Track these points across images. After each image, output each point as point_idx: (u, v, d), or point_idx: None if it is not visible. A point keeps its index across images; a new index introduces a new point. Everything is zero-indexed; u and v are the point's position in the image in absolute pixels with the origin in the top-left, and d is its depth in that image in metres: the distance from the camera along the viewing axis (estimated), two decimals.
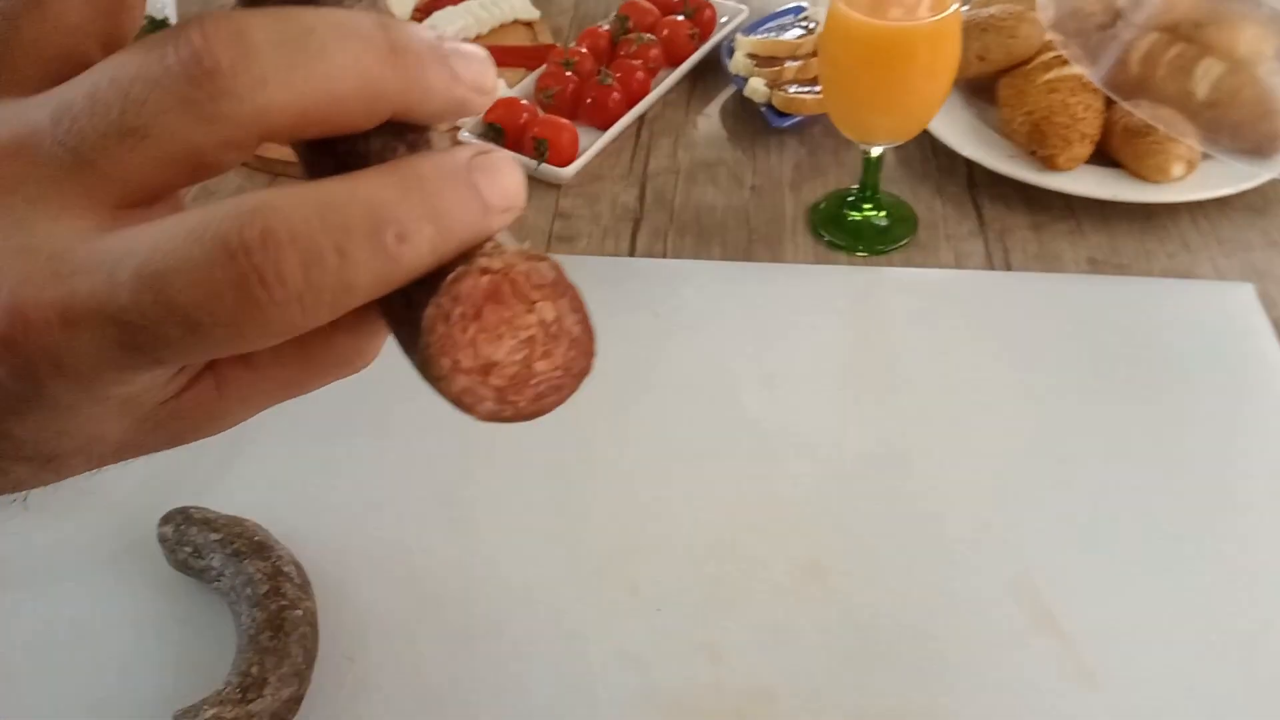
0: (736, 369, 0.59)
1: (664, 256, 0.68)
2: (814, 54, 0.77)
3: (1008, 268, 0.66)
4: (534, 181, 0.74)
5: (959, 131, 0.73)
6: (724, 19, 0.86)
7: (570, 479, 0.54)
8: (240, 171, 0.77)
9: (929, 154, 0.75)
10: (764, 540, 0.50)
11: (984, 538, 0.50)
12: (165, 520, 0.49)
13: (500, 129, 0.74)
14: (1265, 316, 0.61)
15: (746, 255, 0.68)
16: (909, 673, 0.45)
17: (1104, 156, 0.70)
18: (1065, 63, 0.71)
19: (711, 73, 0.84)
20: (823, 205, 0.71)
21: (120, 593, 0.50)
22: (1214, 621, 0.46)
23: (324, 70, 0.16)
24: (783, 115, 0.76)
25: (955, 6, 0.57)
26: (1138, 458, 0.53)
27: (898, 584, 0.48)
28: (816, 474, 0.53)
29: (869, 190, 0.68)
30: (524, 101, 0.76)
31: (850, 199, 0.69)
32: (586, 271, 0.66)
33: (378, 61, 0.17)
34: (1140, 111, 0.68)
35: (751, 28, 0.84)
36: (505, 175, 0.18)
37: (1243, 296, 0.62)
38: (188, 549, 0.48)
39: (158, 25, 0.89)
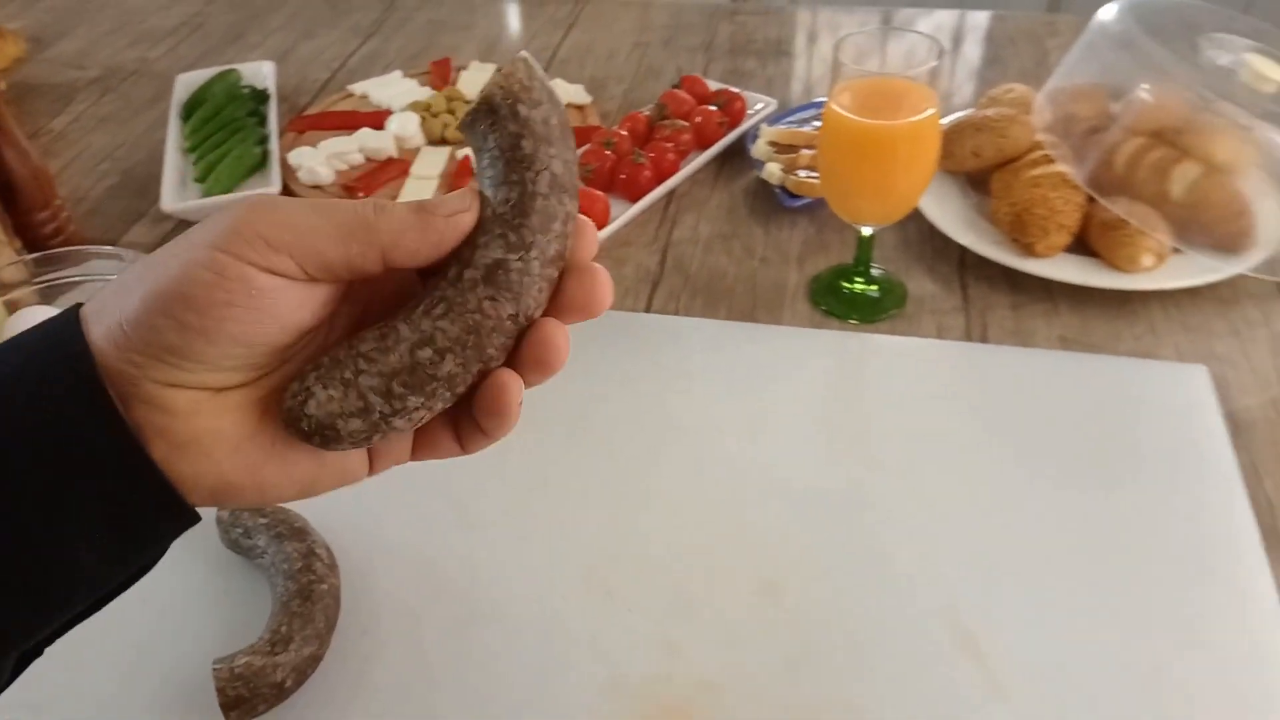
0: (726, 414, 0.67)
1: (676, 314, 0.77)
2: None
3: (984, 341, 0.73)
4: None
5: (953, 218, 0.81)
6: (752, 110, 0.96)
7: (566, 495, 0.62)
8: None
9: (926, 237, 0.82)
10: (730, 560, 0.58)
11: (923, 571, 0.56)
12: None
13: None
14: (1214, 397, 0.66)
15: (749, 317, 0.76)
16: (839, 675, 0.51)
17: (1084, 246, 0.77)
18: (1051, 161, 0.78)
19: (737, 156, 0.93)
20: (822, 277, 0.79)
21: (178, 564, 0.58)
22: (1109, 655, 0.52)
23: None
24: (794, 197, 0.84)
25: (930, 111, 0.65)
26: (1072, 514, 0.59)
27: (841, 604, 0.55)
28: (784, 507, 0.60)
29: (862, 265, 0.76)
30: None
31: (847, 272, 0.77)
32: (606, 323, 0.75)
33: None
34: (1117, 208, 0.75)
35: (777, 119, 0.93)
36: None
37: (1196, 378, 0.68)
38: (239, 530, 0.57)
39: (258, 94, 1.02)
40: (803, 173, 0.84)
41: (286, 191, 0.91)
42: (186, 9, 1.29)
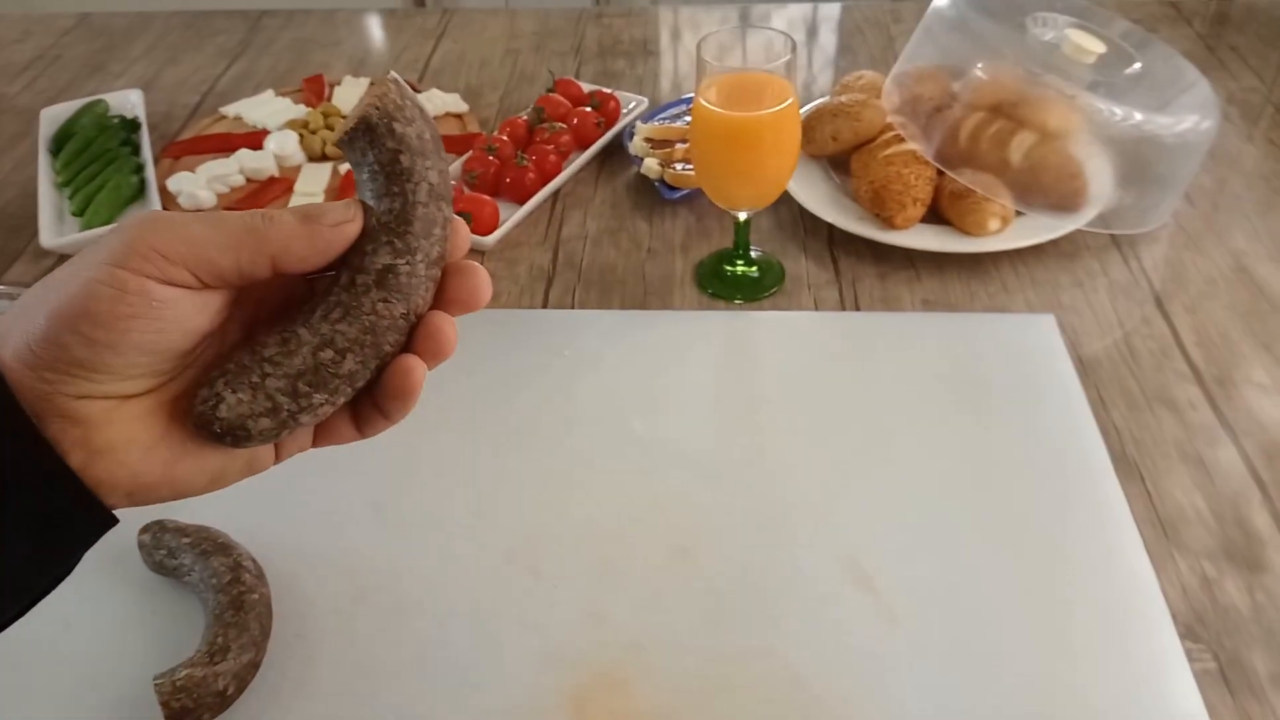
0: (629, 397, 0.71)
1: (572, 308, 0.80)
2: None
3: (857, 309, 0.79)
4: None
5: (820, 199, 0.87)
6: (626, 109, 1.00)
7: (484, 486, 0.65)
8: None
9: (797, 218, 0.88)
10: (643, 530, 0.61)
11: (820, 524, 0.61)
12: (144, 530, 0.59)
13: None
14: (1062, 341, 0.74)
15: (641, 305, 0.80)
16: (752, 624, 0.56)
17: (937, 216, 0.84)
18: (902, 140, 0.85)
19: (616, 154, 0.97)
20: (706, 262, 0.83)
21: (105, 592, 0.59)
22: (987, 577, 0.58)
23: None
24: (673, 189, 0.89)
25: (790, 100, 0.70)
26: (946, 457, 0.65)
27: (748, 561, 0.59)
28: (688, 478, 0.65)
29: (741, 249, 0.81)
30: (452, 182, 0.89)
31: (728, 257, 0.82)
32: (506, 322, 0.78)
33: None
34: (963, 178, 0.82)
35: (650, 116, 0.98)
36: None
37: (1045, 325, 0.75)
38: (163, 551, 0.58)
39: (129, 123, 1.01)
40: (679, 166, 0.88)
41: None
42: (40, 42, 1.26)
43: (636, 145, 0.93)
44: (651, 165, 0.90)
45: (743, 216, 0.78)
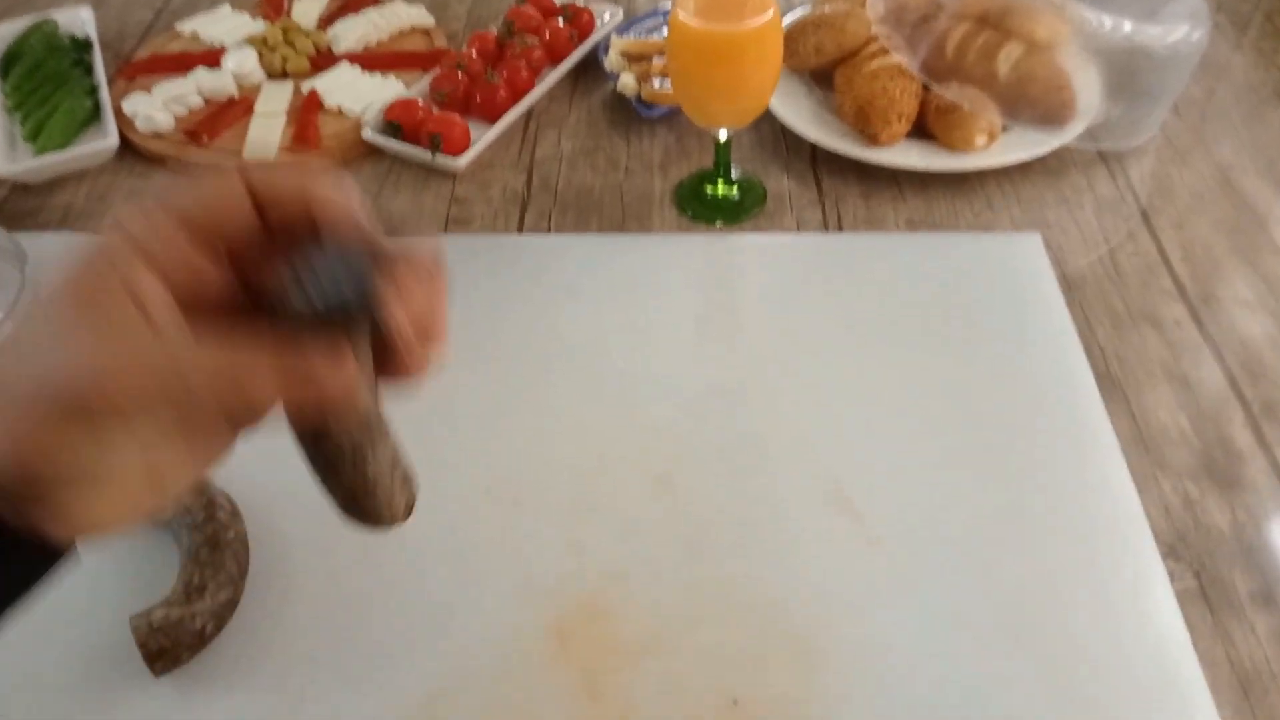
0: (608, 324, 0.69)
1: (548, 232, 0.78)
2: None
3: (840, 230, 0.77)
4: (431, 171, 0.83)
5: (802, 116, 0.84)
6: (601, 21, 0.96)
7: (464, 417, 0.63)
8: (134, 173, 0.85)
9: (779, 136, 0.85)
10: (624, 460, 0.61)
11: (802, 450, 0.61)
12: None
13: (399, 125, 0.83)
14: (1048, 259, 0.73)
15: (619, 229, 0.78)
16: (732, 550, 0.56)
17: (923, 132, 0.81)
18: (887, 53, 0.82)
19: (591, 69, 0.94)
20: (686, 183, 0.81)
21: None
22: (971, 499, 0.58)
23: None
24: (650, 106, 0.86)
25: (771, 12, 0.67)
26: (930, 379, 0.64)
27: (730, 487, 0.59)
28: (670, 406, 0.64)
29: (722, 169, 0.78)
30: (420, 101, 0.86)
31: (708, 177, 0.80)
32: (480, 248, 0.76)
33: None
34: (949, 93, 0.79)
35: (624, 28, 0.94)
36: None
37: (1031, 244, 0.74)
38: None
39: (80, 43, 0.97)
40: (657, 82, 0.85)
41: (125, 142, 0.87)
42: None
43: (612, 60, 0.89)
44: (628, 82, 0.86)
45: (723, 136, 0.76)
